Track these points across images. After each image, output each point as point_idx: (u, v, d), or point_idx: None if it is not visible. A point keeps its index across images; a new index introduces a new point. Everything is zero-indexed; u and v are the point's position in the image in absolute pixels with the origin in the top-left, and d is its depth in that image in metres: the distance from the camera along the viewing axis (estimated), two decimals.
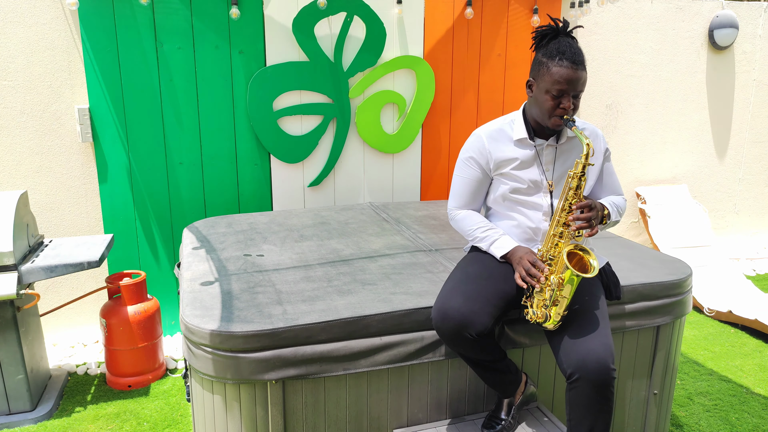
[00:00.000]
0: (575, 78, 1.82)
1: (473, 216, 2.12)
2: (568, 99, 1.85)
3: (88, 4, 3.21)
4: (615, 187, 2.12)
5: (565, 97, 1.85)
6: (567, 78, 1.82)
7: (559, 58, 1.83)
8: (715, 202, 5.28)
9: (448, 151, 4.12)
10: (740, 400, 3.04)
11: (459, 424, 2.11)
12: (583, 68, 1.85)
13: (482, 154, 2.04)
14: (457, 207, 2.15)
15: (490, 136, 2.04)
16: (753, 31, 5.00)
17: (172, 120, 3.48)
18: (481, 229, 2.08)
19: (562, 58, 1.82)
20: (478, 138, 2.06)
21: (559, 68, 1.82)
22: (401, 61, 3.81)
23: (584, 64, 1.86)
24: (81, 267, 2.73)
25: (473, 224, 2.10)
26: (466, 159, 2.08)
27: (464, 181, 2.11)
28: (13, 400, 2.79)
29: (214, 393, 1.93)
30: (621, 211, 2.05)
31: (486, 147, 2.03)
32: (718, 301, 4.14)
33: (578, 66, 1.83)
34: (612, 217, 1.96)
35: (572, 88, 1.83)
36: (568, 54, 1.83)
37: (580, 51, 1.86)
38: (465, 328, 1.83)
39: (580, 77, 1.83)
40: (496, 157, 2.03)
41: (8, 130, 3.32)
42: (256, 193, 3.74)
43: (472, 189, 2.11)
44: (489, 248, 2.05)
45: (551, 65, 1.84)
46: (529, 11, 4.08)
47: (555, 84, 1.83)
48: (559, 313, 1.84)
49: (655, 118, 4.88)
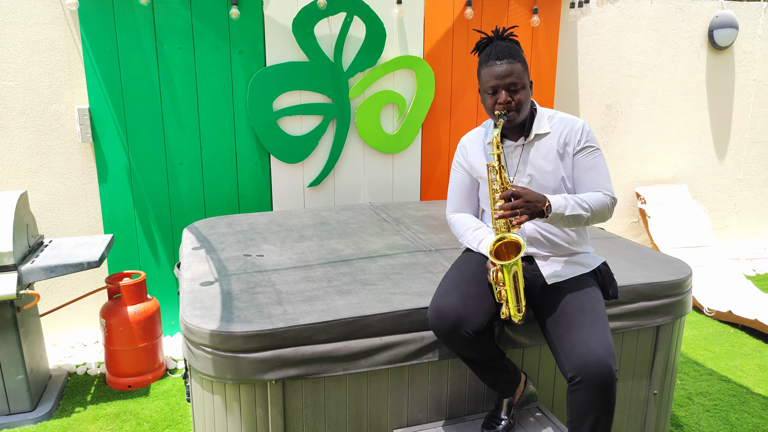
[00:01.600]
0: (501, 71, 1.89)
1: (464, 218, 2.19)
2: (502, 93, 1.90)
3: (88, 4, 3.21)
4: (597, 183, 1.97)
5: (498, 92, 1.91)
6: (494, 74, 1.90)
7: (486, 59, 1.93)
8: (715, 202, 5.28)
9: (448, 151, 4.12)
10: (740, 400, 3.04)
11: (459, 424, 2.11)
12: (512, 61, 1.90)
13: (464, 157, 2.15)
14: (451, 211, 2.24)
15: (469, 140, 2.16)
16: (753, 31, 5.00)
17: (172, 120, 3.48)
18: (471, 230, 2.14)
19: (488, 58, 1.92)
20: (462, 143, 2.18)
21: (486, 68, 1.92)
22: (401, 62, 3.81)
23: (513, 56, 1.91)
24: (81, 267, 2.73)
25: (464, 226, 2.17)
26: (454, 164, 2.21)
27: (454, 186, 2.21)
28: (13, 400, 2.79)
29: (214, 393, 1.93)
30: (590, 206, 1.88)
31: (465, 151, 2.15)
32: (718, 301, 4.14)
33: (503, 60, 1.90)
34: (566, 211, 1.83)
35: (502, 82, 1.89)
36: (493, 53, 1.91)
37: (508, 47, 1.92)
38: (460, 326, 1.84)
39: (508, 69, 1.89)
40: (470, 160, 2.13)
41: (8, 130, 3.32)
42: (256, 193, 3.74)
43: (463, 192, 2.19)
44: (478, 248, 2.10)
45: (481, 69, 1.95)
46: (529, 11, 4.08)
47: (486, 83, 1.93)
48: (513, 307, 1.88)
49: (655, 118, 4.88)
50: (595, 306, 1.91)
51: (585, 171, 1.98)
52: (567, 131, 1.98)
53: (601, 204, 1.92)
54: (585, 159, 1.97)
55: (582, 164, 1.98)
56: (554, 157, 1.98)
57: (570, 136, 1.98)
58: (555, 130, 1.99)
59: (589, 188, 1.98)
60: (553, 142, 1.98)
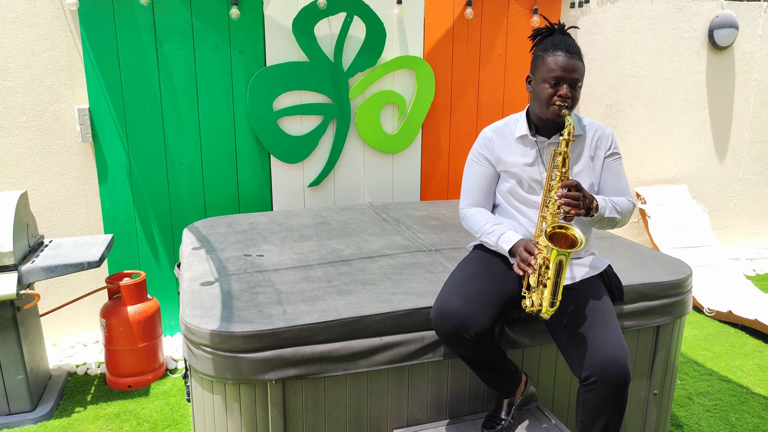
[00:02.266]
0: (570, 65, 1.86)
1: (483, 212, 2.11)
2: (564, 87, 1.87)
3: (88, 4, 3.21)
4: (621, 188, 2.05)
5: (561, 84, 1.88)
6: (561, 65, 1.86)
7: (553, 49, 1.89)
8: (715, 202, 5.28)
9: (448, 151, 4.12)
10: (740, 400, 3.04)
11: (459, 424, 2.11)
12: (579, 58, 1.89)
13: (489, 149, 2.08)
14: (468, 205, 2.15)
15: (496, 132, 2.08)
16: (753, 31, 5.00)
17: (172, 120, 3.48)
18: (490, 224, 2.06)
19: (557, 49, 1.88)
20: (486, 134, 2.10)
21: (554, 57, 1.88)
22: (401, 62, 3.81)
23: (580, 55, 1.90)
24: (81, 267, 2.73)
25: (482, 220, 2.08)
26: (475, 155, 2.11)
27: (474, 179, 2.12)
28: (13, 400, 2.79)
29: (214, 393, 1.93)
30: (621, 211, 1.95)
31: (492, 142, 2.07)
32: (718, 301, 4.14)
33: (573, 55, 1.88)
34: (606, 212, 1.88)
35: (568, 75, 1.87)
36: (563, 45, 1.88)
37: (575, 44, 1.91)
38: (463, 328, 1.83)
39: (575, 65, 1.87)
40: (498, 152, 2.06)
41: (8, 130, 3.32)
42: (256, 193, 3.74)
43: (483, 186, 2.11)
44: (497, 243, 2.02)
45: (546, 56, 1.90)
46: (529, 11, 4.08)
47: (550, 72, 1.88)
48: (549, 299, 1.78)
49: (655, 118, 4.88)
50: (607, 307, 1.92)
51: (611, 176, 2.03)
52: (599, 136, 2.02)
53: (628, 210, 1.98)
54: (612, 164, 2.03)
55: (609, 169, 2.03)
56: (586, 160, 2.01)
57: (601, 141, 2.02)
58: (586, 134, 2.02)
59: (613, 192, 2.04)
60: (586, 145, 2.01)
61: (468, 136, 4.14)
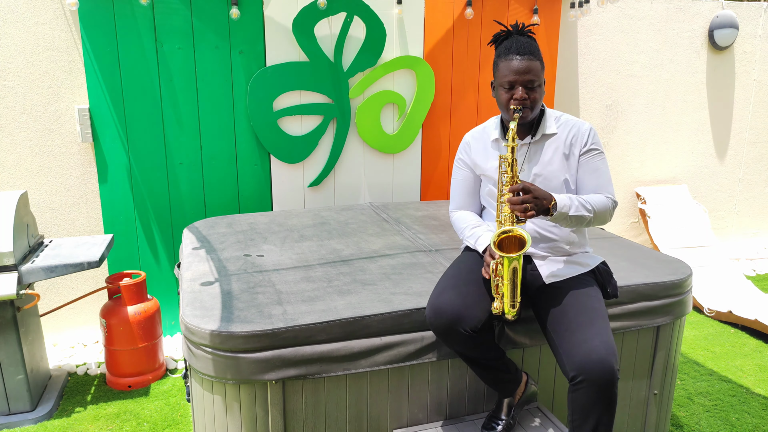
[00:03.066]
0: (522, 67, 1.88)
1: (465, 215, 2.18)
2: (519, 89, 1.89)
3: (88, 4, 3.21)
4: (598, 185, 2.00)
5: (516, 88, 1.89)
6: (514, 68, 1.88)
7: (506, 53, 1.92)
8: (715, 203, 5.28)
9: (448, 151, 4.12)
10: (740, 401, 3.04)
11: (459, 424, 2.11)
12: (533, 58, 1.89)
13: (467, 153, 2.15)
14: (454, 209, 2.24)
15: (473, 137, 2.15)
16: (753, 31, 5.00)
17: (172, 120, 3.48)
18: (469, 227, 2.13)
19: (509, 53, 1.91)
20: (465, 139, 2.18)
21: (506, 62, 1.91)
22: (401, 62, 3.81)
23: (534, 54, 1.90)
24: (81, 267, 2.73)
25: (463, 222, 2.17)
26: (457, 161, 2.20)
27: (457, 183, 2.20)
28: (13, 400, 2.79)
29: (214, 393, 1.93)
30: (593, 208, 1.90)
31: (470, 147, 2.14)
32: (718, 301, 4.14)
33: (524, 56, 1.89)
34: (570, 210, 1.84)
35: (521, 78, 1.88)
36: (514, 48, 1.90)
37: (529, 43, 1.91)
38: (458, 323, 1.84)
39: (528, 66, 1.88)
40: (473, 156, 2.12)
41: (8, 130, 3.32)
42: (256, 193, 3.74)
43: (465, 190, 2.19)
44: (475, 245, 2.09)
45: (500, 62, 1.93)
46: (529, 11, 4.08)
47: (504, 77, 1.91)
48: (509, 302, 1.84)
49: (655, 119, 4.88)
50: (595, 305, 1.90)
51: (589, 173, 2.00)
52: (574, 133, 2.00)
53: (604, 207, 1.93)
54: (590, 161, 1.99)
55: (586, 166, 2.00)
56: (560, 158, 1.99)
57: (577, 138, 1.99)
58: (562, 132, 2.00)
59: (592, 190, 2.00)
60: (560, 142, 2.00)
61: None
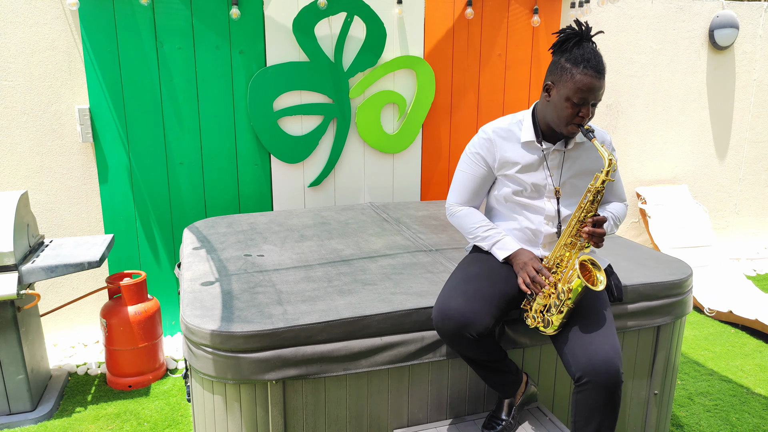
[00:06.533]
0: (598, 87, 1.79)
1: (475, 214, 2.10)
2: (588, 107, 1.82)
3: (88, 4, 3.21)
4: (617, 192, 2.14)
5: (585, 105, 1.81)
6: (590, 86, 1.78)
7: (584, 66, 1.78)
8: (716, 202, 5.28)
9: (448, 151, 4.12)
10: (741, 401, 3.04)
11: (459, 424, 2.11)
12: (604, 77, 1.82)
13: (490, 151, 2.02)
14: (457, 203, 2.13)
15: (499, 135, 2.02)
16: (753, 31, 5.00)
17: (172, 120, 3.48)
18: (483, 229, 2.06)
19: (587, 66, 1.78)
20: (487, 135, 2.03)
21: (584, 77, 1.77)
22: (401, 61, 3.81)
23: (605, 72, 1.83)
24: (81, 267, 2.73)
25: (475, 223, 2.08)
26: (472, 154, 2.06)
27: (468, 177, 2.08)
28: (13, 400, 2.79)
29: (215, 393, 1.93)
30: (618, 222, 2.08)
31: (494, 144, 2.02)
32: (719, 301, 4.14)
33: (602, 75, 1.80)
34: (607, 230, 1.98)
35: (593, 97, 1.80)
36: (593, 62, 1.78)
37: (602, 60, 1.82)
38: (465, 328, 1.83)
39: (603, 86, 1.81)
40: (501, 156, 2.01)
41: (8, 130, 3.32)
42: (257, 193, 3.74)
43: (476, 186, 2.09)
44: (491, 248, 2.04)
45: (575, 72, 1.79)
46: (529, 11, 4.08)
47: (578, 92, 1.79)
48: (560, 320, 1.86)
49: (655, 118, 4.88)
50: (602, 308, 1.91)
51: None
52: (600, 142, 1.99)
53: (624, 216, 2.11)
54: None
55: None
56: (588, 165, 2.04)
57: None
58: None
59: (611, 196, 2.14)
60: (589, 152, 2.03)
61: (468, 136, 4.14)
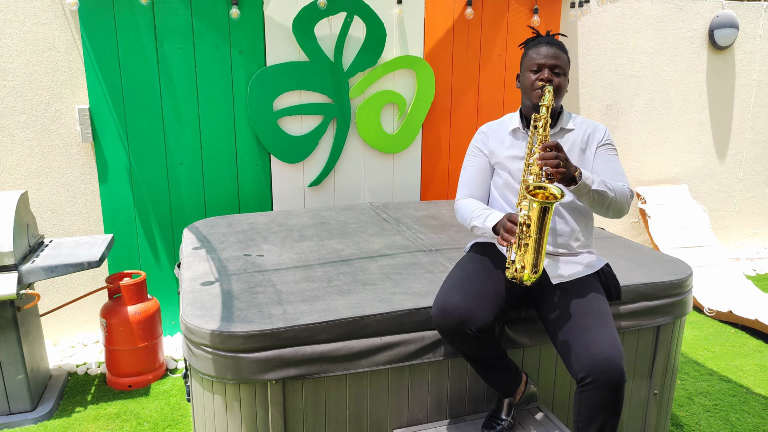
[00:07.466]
0: (550, 53, 1.99)
1: (474, 201, 2.15)
2: (545, 71, 1.98)
3: (88, 4, 3.21)
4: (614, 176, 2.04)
5: (542, 70, 1.99)
6: (542, 53, 2.00)
7: (536, 44, 2.05)
8: (716, 202, 5.28)
9: (448, 151, 4.12)
10: (740, 401, 3.04)
11: (459, 424, 2.11)
12: (561, 49, 2.01)
13: (483, 142, 2.19)
14: (462, 197, 2.20)
15: (490, 128, 2.21)
16: (753, 31, 5.00)
17: (172, 120, 3.48)
18: (478, 209, 2.08)
19: (539, 44, 2.04)
20: (481, 130, 2.24)
21: (535, 48, 2.03)
22: (401, 61, 3.81)
23: (562, 47, 2.03)
24: (81, 267, 2.73)
25: (472, 207, 2.11)
26: (471, 149, 2.23)
27: (469, 170, 2.21)
28: (13, 400, 2.79)
29: (215, 393, 1.93)
30: (613, 188, 1.91)
31: (486, 136, 2.19)
32: (719, 301, 4.14)
33: (553, 45, 2.01)
34: (593, 185, 1.84)
35: (548, 62, 1.98)
36: (544, 40, 2.04)
37: (559, 42, 2.04)
38: (465, 324, 1.84)
39: (556, 53, 1.99)
40: (492, 144, 2.15)
41: (8, 130, 3.32)
42: (256, 193, 3.74)
43: (478, 177, 2.19)
44: (484, 224, 2.00)
45: (529, 50, 2.06)
46: (529, 11, 4.08)
47: (532, 61, 2.02)
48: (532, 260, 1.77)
49: (655, 118, 4.88)
50: (603, 307, 1.91)
51: (604, 164, 2.07)
52: (591, 131, 2.09)
53: (623, 192, 1.95)
54: (605, 154, 2.08)
55: (602, 158, 2.08)
56: (577, 152, 2.07)
57: (594, 134, 2.09)
58: (579, 128, 2.09)
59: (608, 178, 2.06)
60: (577, 138, 2.08)
61: (468, 136, 4.14)
